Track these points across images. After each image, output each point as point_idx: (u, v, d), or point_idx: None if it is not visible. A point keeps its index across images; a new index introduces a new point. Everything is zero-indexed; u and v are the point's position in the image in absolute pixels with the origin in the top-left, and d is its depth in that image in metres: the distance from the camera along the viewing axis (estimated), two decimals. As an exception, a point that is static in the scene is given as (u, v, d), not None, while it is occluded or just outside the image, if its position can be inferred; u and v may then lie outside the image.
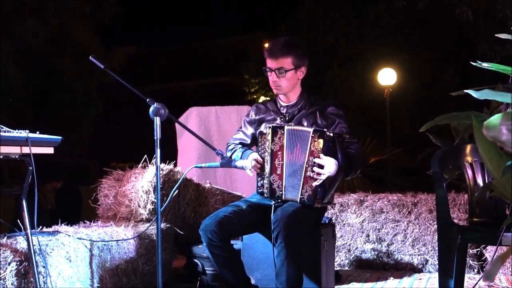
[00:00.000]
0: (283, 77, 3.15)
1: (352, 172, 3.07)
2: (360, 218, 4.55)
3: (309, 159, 2.98)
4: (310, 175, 2.97)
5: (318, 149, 2.96)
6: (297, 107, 3.24)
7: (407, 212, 4.46)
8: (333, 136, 2.95)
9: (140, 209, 4.12)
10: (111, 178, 4.45)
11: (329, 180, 2.97)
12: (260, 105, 3.39)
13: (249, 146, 3.44)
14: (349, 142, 3.12)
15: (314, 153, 2.97)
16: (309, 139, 2.98)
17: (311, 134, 2.98)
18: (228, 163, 3.09)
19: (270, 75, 3.19)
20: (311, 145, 2.98)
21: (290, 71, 3.15)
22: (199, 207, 4.51)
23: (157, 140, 2.74)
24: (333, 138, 2.95)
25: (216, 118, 6.23)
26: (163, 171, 4.22)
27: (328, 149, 2.95)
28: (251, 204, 3.17)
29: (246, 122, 3.43)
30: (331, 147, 2.95)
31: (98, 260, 3.38)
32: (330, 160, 2.93)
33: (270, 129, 3.08)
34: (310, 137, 2.98)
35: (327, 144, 2.95)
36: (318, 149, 2.96)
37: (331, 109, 3.21)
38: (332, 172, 2.93)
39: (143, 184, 4.16)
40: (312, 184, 2.96)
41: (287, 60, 3.13)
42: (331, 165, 2.93)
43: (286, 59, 3.13)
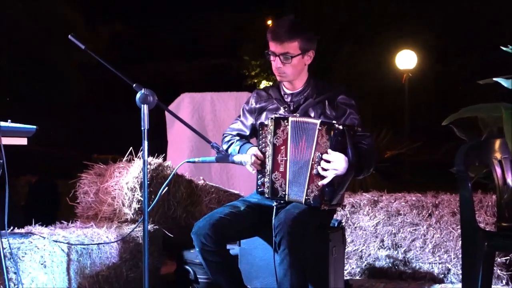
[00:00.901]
0: (288, 63, 3.14)
1: (365, 170, 3.07)
2: (374, 220, 4.55)
3: (316, 154, 2.97)
4: (317, 172, 2.96)
5: (325, 143, 2.95)
6: (303, 96, 3.24)
7: (427, 215, 4.46)
8: (343, 129, 2.95)
9: (124, 209, 4.12)
10: (92, 173, 4.45)
11: (338, 179, 2.96)
12: (261, 92, 3.38)
13: (248, 138, 3.44)
14: (361, 136, 3.12)
15: (321, 148, 2.96)
16: (316, 132, 2.97)
17: (318, 127, 2.97)
18: (225, 158, 3.09)
19: (274, 60, 3.18)
20: (317, 139, 2.97)
21: (297, 57, 3.15)
22: (192, 207, 4.51)
23: (145, 131, 2.74)
24: (343, 131, 2.95)
25: (211, 106, 6.22)
26: (151, 165, 4.22)
27: (337, 143, 2.94)
28: (250, 204, 3.17)
29: (245, 110, 3.42)
30: (340, 142, 2.95)
31: (77, 265, 3.38)
32: (339, 156, 2.92)
33: (273, 121, 3.08)
34: (317, 129, 2.97)
35: (336, 138, 2.94)
36: (325, 143, 2.95)
37: (341, 98, 3.20)
38: (342, 169, 2.93)
39: (128, 180, 4.16)
40: (319, 183, 2.96)
41: (294, 44, 3.12)
42: (340, 161, 2.92)
43: (292, 43, 3.12)
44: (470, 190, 2.86)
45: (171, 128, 6.23)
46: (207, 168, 5.92)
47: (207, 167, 5.91)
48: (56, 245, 3.28)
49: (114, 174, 4.32)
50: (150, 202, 3.88)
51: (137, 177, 4.15)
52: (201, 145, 5.81)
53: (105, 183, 4.30)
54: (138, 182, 4.13)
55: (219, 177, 5.96)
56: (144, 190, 2.70)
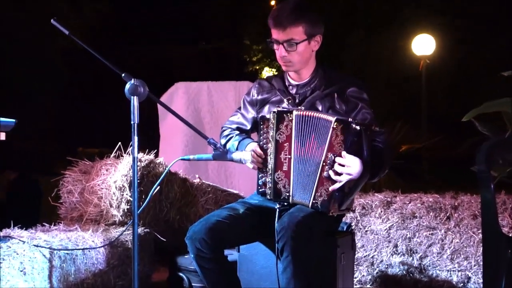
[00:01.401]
0: (293, 51, 3.14)
1: (380, 173, 3.08)
2: (387, 224, 4.56)
3: (328, 155, 2.97)
4: (327, 175, 2.97)
5: (340, 144, 2.95)
6: (309, 87, 3.24)
7: (445, 218, 4.47)
8: (360, 129, 2.94)
9: (112, 210, 4.14)
10: (77, 170, 4.47)
11: (350, 183, 2.97)
12: (263, 82, 3.38)
13: (249, 132, 3.44)
14: (375, 133, 3.11)
15: (335, 148, 2.96)
16: (330, 130, 2.97)
17: (333, 125, 2.96)
18: (223, 156, 3.10)
19: (277, 48, 3.18)
20: (331, 138, 2.97)
21: (302, 43, 3.14)
22: (186, 208, 4.53)
23: (135, 125, 2.75)
24: (360, 131, 2.94)
25: (208, 97, 6.23)
26: (142, 162, 4.23)
27: (353, 144, 2.94)
28: (251, 206, 3.18)
29: (246, 102, 3.42)
30: (356, 142, 2.94)
31: (60, 272, 3.40)
32: (354, 160, 2.92)
33: (275, 114, 3.08)
34: (331, 128, 2.96)
35: (351, 138, 2.94)
36: (340, 144, 2.95)
37: (352, 91, 3.20)
38: (356, 174, 2.93)
39: (116, 179, 4.18)
40: (330, 188, 2.96)
41: (298, 30, 3.12)
42: (355, 165, 2.92)
43: (296, 28, 3.12)
44: (493, 191, 2.86)
45: (163, 120, 6.24)
46: (204, 165, 5.93)
47: (203, 164, 5.93)
48: (37, 250, 3.29)
49: (101, 172, 4.34)
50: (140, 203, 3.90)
51: (126, 175, 4.17)
52: (197, 140, 5.83)
53: (91, 181, 4.32)
54: (127, 181, 4.15)
55: (216, 175, 5.97)
56: (133, 190, 2.72)
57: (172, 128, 6.10)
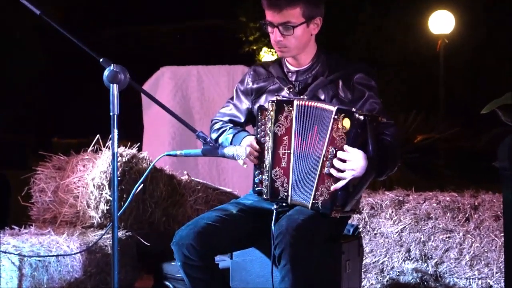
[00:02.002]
0: (290, 35, 3.14)
1: (388, 169, 3.08)
2: (398, 226, 4.57)
3: (328, 149, 2.98)
4: (328, 172, 2.97)
5: (341, 136, 2.95)
6: (311, 74, 3.24)
7: (464, 219, 4.48)
8: (364, 119, 2.94)
9: (89, 211, 4.14)
10: (50, 166, 4.47)
11: (355, 181, 2.97)
12: (259, 69, 3.39)
13: (243, 125, 3.45)
14: (383, 125, 3.11)
15: (336, 141, 2.96)
16: (330, 121, 2.97)
17: (334, 115, 2.96)
18: (213, 151, 3.09)
19: (272, 32, 3.17)
20: (332, 131, 2.97)
21: (300, 26, 3.14)
22: (173, 209, 4.54)
23: (114, 117, 2.75)
24: (364, 122, 2.94)
25: (198, 83, 6.23)
26: (123, 157, 4.24)
27: (356, 137, 2.94)
28: (245, 208, 3.19)
29: (239, 91, 3.42)
30: (360, 135, 2.94)
31: (31, 282, 3.40)
32: (357, 153, 2.92)
33: (274, 104, 3.08)
34: (332, 118, 2.96)
35: (355, 130, 2.94)
36: (341, 136, 2.95)
37: (358, 78, 3.20)
38: (360, 170, 2.93)
39: (94, 176, 4.18)
40: (331, 187, 2.96)
41: (295, 11, 3.12)
42: (359, 160, 2.92)
43: (293, 10, 3.11)
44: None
45: (148, 110, 6.24)
46: (193, 161, 5.94)
47: (192, 159, 5.94)
48: (5, 257, 3.29)
49: (77, 168, 4.34)
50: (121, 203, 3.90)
51: (105, 171, 4.17)
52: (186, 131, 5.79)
53: (66, 178, 4.32)
54: (106, 178, 4.15)
55: (207, 171, 5.99)
56: (113, 188, 2.71)
57: (158, 119, 6.10)
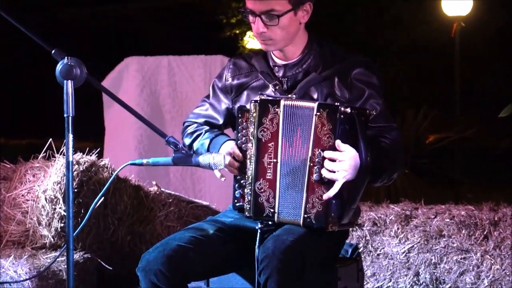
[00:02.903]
0: (275, 25, 3.14)
1: (386, 173, 3.11)
2: (405, 245, 4.58)
3: (314, 152, 3.01)
4: (318, 178, 3.00)
5: (328, 135, 2.98)
6: (301, 68, 3.25)
7: (482, 237, 4.50)
8: (351, 112, 2.97)
9: (41, 229, 4.15)
10: (-6, 175, 4.46)
11: (348, 187, 2.99)
12: (240, 62, 3.40)
13: (221, 128, 3.47)
14: (384, 128, 3.15)
15: (322, 142, 2.99)
16: (313, 119, 3.00)
17: (316, 112, 3.00)
18: (186, 159, 3.11)
19: (254, 21, 3.18)
20: (316, 130, 3.00)
21: (286, 15, 3.14)
22: (140, 226, 4.55)
23: (69, 119, 2.75)
24: (351, 116, 2.97)
25: (169, 76, 6.22)
26: (80, 165, 4.24)
27: (344, 134, 2.97)
28: (224, 227, 3.20)
29: (217, 88, 3.44)
30: (348, 132, 2.97)
31: (-29, 314, 3.40)
32: (349, 150, 2.95)
33: (257, 104, 3.10)
34: (314, 116, 3.00)
35: (342, 127, 2.96)
36: (328, 135, 2.98)
37: (358, 73, 3.22)
38: (352, 170, 2.96)
39: (46, 187, 4.18)
40: (324, 196, 2.98)
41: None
42: (350, 157, 2.95)
43: None
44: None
45: (109, 108, 6.21)
46: (164, 168, 5.92)
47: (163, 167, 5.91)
48: None
49: (26, 178, 4.34)
50: (78, 220, 3.90)
51: (59, 182, 4.17)
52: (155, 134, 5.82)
53: (12, 190, 4.32)
54: (61, 190, 4.15)
55: (180, 181, 5.97)
56: (68, 202, 2.71)
57: (121, 119, 6.07)
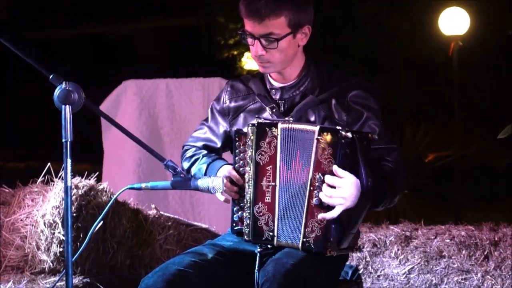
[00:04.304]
0: (273, 48, 3.16)
1: (388, 199, 3.11)
2: (406, 266, 4.58)
3: (315, 176, 3.02)
4: (318, 202, 3.00)
5: (328, 159, 2.99)
6: (298, 91, 3.27)
7: (483, 257, 4.50)
8: (352, 137, 2.98)
9: (40, 254, 4.15)
10: (-8, 200, 4.47)
11: (349, 212, 3.00)
12: (237, 84, 3.42)
13: (220, 152, 3.49)
14: (383, 150, 3.16)
15: (323, 166, 3.00)
16: (313, 143, 3.01)
17: (316, 135, 3.01)
18: (185, 183, 3.11)
19: (252, 44, 3.19)
20: (317, 154, 3.01)
21: (285, 38, 3.16)
22: (139, 249, 4.54)
23: (67, 144, 2.76)
24: (353, 140, 2.98)
25: (167, 99, 6.23)
26: (78, 190, 4.24)
27: (345, 159, 2.97)
28: (223, 250, 3.20)
29: (215, 111, 3.46)
30: (349, 156, 2.98)
31: None
32: (348, 178, 2.96)
33: (254, 128, 3.11)
34: (315, 140, 3.01)
35: (343, 151, 2.97)
36: (328, 159, 2.99)
37: (355, 96, 3.22)
38: (352, 198, 2.96)
39: (45, 212, 4.19)
40: (319, 216, 2.99)
41: (280, 21, 3.13)
42: (349, 185, 2.96)
43: (277, 19, 3.12)
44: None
45: (108, 131, 6.21)
46: (162, 191, 5.91)
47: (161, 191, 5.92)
48: None
49: (25, 203, 4.35)
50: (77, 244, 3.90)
51: (58, 207, 4.18)
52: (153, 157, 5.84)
53: (11, 215, 4.33)
54: (59, 215, 4.16)
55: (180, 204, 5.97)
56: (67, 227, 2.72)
57: (120, 142, 6.08)
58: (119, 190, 3.19)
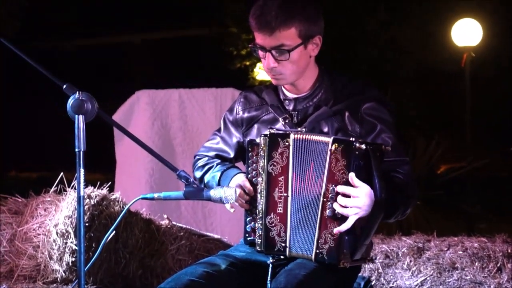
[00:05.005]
0: (285, 60, 3.17)
1: (400, 210, 3.11)
2: (418, 278, 4.56)
3: (328, 187, 3.02)
4: (331, 214, 3.01)
5: (342, 170, 3.00)
6: (312, 102, 3.27)
7: (496, 269, 4.48)
8: (366, 148, 2.98)
9: (52, 263, 4.16)
10: (5, 210, 4.49)
11: (362, 223, 3.01)
12: (250, 95, 3.43)
13: (232, 161, 3.49)
14: (395, 162, 3.16)
15: (336, 177, 3.01)
16: (327, 154, 3.02)
17: (330, 147, 3.02)
18: (197, 193, 3.12)
19: (264, 57, 3.20)
20: (330, 165, 3.02)
21: (297, 49, 3.16)
22: (151, 260, 4.54)
23: (80, 154, 2.76)
24: (366, 152, 2.99)
25: (180, 109, 6.23)
26: (91, 199, 4.25)
27: (359, 170, 2.98)
28: (235, 261, 3.20)
29: (228, 121, 3.47)
30: (363, 168, 2.98)
31: None
32: (363, 188, 2.96)
33: (267, 138, 3.12)
34: (329, 151, 3.01)
35: (356, 163, 2.98)
36: (342, 170, 3.00)
37: (369, 108, 3.23)
38: (366, 208, 2.97)
39: (57, 222, 4.20)
40: (334, 230, 3.00)
41: (290, 32, 3.14)
42: (364, 195, 2.96)
43: (287, 31, 3.13)
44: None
45: (120, 141, 6.22)
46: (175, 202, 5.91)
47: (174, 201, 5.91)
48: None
49: (38, 212, 4.37)
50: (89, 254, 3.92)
51: (70, 216, 4.19)
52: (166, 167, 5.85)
53: (24, 225, 4.34)
54: (72, 224, 4.17)
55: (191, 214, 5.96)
56: (79, 236, 2.72)
57: (133, 152, 6.09)
58: (131, 200, 3.20)
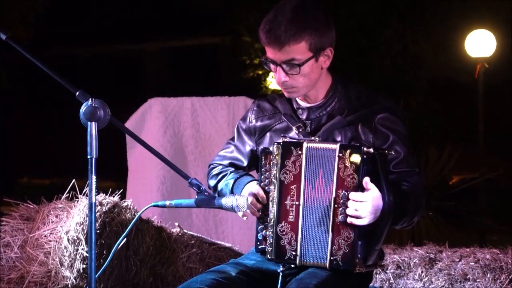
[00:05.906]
0: (296, 73, 3.16)
1: (408, 216, 3.12)
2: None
3: (338, 193, 3.03)
4: (343, 220, 3.01)
5: (351, 176, 3.00)
6: (325, 111, 3.27)
7: (508, 281, 4.47)
8: (373, 153, 2.99)
9: (63, 270, 4.15)
10: (17, 216, 4.50)
11: (372, 227, 3.01)
12: (264, 104, 3.43)
13: (246, 170, 3.49)
14: (405, 172, 3.17)
15: (346, 183, 3.02)
16: (335, 160, 3.03)
17: (338, 153, 3.02)
18: (209, 201, 3.12)
19: (275, 70, 3.20)
20: (339, 171, 3.02)
21: (308, 62, 3.15)
22: (162, 267, 4.54)
23: (92, 161, 2.77)
24: (373, 156, 2.99)
25: (192, 117, 6.23)
26: (102, 206, 4.25)
27: (368, 174, 2.99)
28: (246, 269, 3.21)
29: (241, 130, 3.47)
30: (371, 172, 3.00)
31: None
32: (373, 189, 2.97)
33: (280, 147, 3.12)
34: (337, 157, 3.02)
35: (365, 167, 2.99)
36: (351, 176, 3.00)
37: (382, 118, 3.22)
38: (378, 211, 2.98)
39: (68, 228, 4.20)
40: (348, 236, 3.00)
41: (300, 46, 3.13)
42: (375, 198, 2.97)
43: (297, 45, 3.12)
44: None
45: (133, 149, 6.22)
46: (186, 209, 5.92)
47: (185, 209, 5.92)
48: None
49: (49, 219, 4.36)
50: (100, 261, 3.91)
51: (82, 223, 4.19)
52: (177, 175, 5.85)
53: (35, 231, 4.34)
54: (83, 231, 4.17)
55: (203, 222, 5.96)
56: (91, 243, 2.72)
57: (144, 159, 6.08)
58: (143, 207, 3.20)
